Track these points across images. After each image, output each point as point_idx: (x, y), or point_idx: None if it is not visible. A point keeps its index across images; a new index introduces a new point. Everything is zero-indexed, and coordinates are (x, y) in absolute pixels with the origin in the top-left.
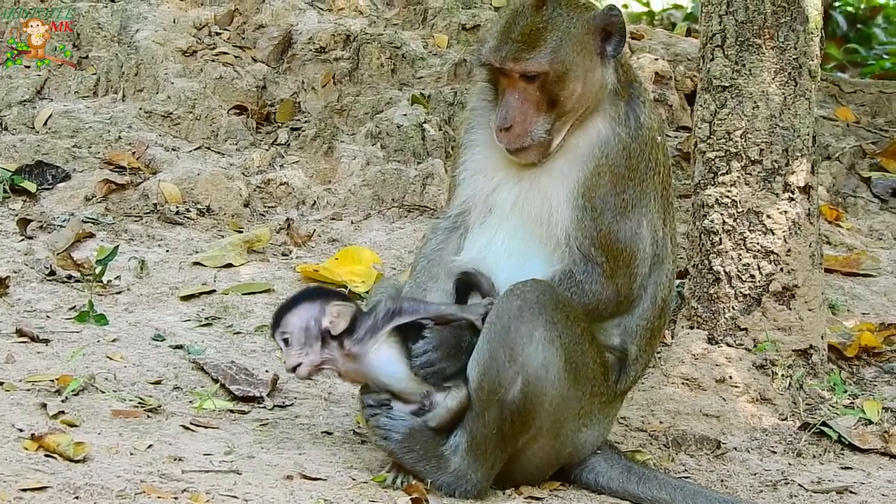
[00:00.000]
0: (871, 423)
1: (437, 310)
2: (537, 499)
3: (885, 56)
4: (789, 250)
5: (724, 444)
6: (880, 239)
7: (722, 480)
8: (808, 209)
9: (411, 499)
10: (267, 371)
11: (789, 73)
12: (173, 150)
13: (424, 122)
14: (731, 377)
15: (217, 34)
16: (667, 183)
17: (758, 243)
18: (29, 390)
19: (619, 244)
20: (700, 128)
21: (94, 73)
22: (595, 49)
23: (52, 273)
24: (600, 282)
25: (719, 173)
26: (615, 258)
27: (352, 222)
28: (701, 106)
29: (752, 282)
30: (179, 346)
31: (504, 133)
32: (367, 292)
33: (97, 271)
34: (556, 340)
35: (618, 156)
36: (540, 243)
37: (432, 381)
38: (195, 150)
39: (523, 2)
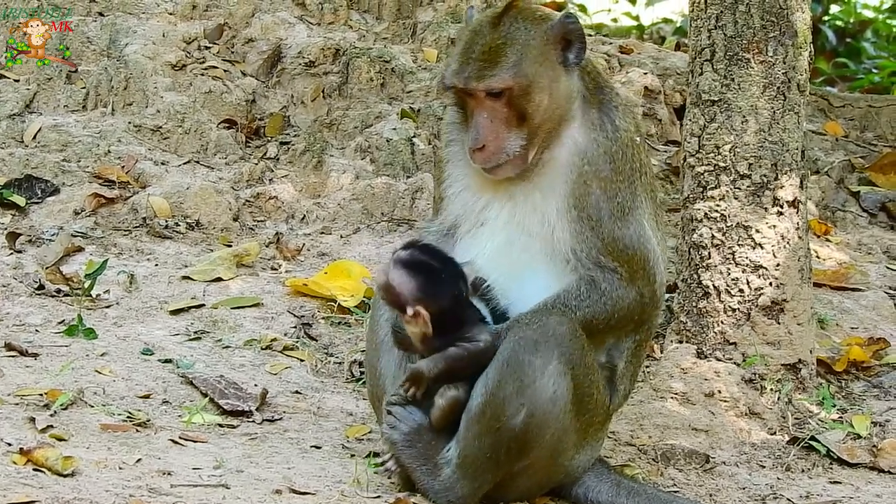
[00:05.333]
0: (859, 437)
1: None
2: None
3: (874, 70)
4: (778, 265)
5: (712, 458)
6: (869, 253)
7: (711, 495)
8: (797, 223)
9: None
10: (256, 385)
11: (778, 88)
12: (162, 163)
13: (414, 137)
14: (719, 391)
15: (206, 48)
16: (653, 185)
17: (747, 258)
18: (18, 404)
19: (628, 249)
20: (689, 142)
21: (84, 87)
22: (557, 58)
23: (41, 287)
24: (622, 286)
25: (708, 187)
26: (628, 262)
27: (341, 236)
28: (690, 120)
29: (741, 296)
30: (168, 361)
31: (478, 153)
32: (356, 306)
33: (86, 285)
34: (568, 374)
35: (600, 160)
36: (543, 257)
37: None
38: (184, 163)
39: (480, 21)
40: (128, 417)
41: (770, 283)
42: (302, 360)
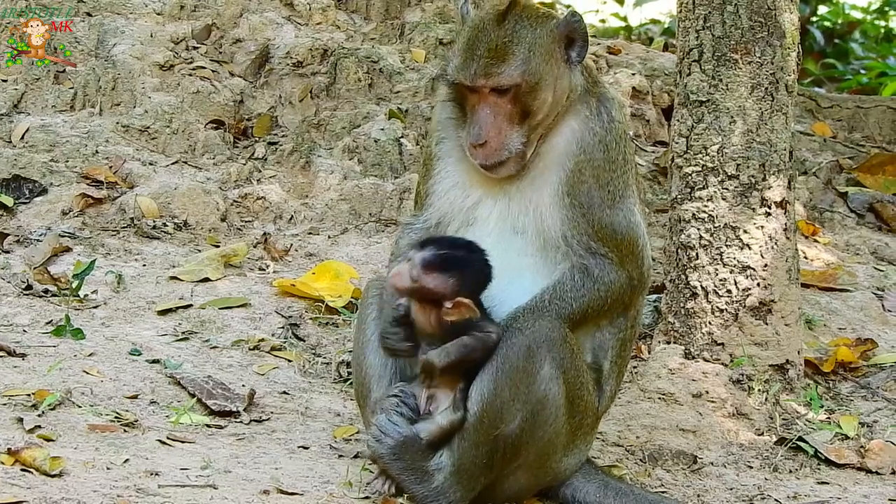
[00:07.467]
0: (847, 438)
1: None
2: None
3: (862, 71)
4: (766, 265)
5: (700, 458)
6: (857, 254)
7: (698, 495)
8: (785, 224)
9: None
10: (244, 385)
11: (766, 88)
12: (150, 164)
13: (401, 137)
14: (707, 392)
15: (194, 48)
16: (640, 182)
17: (734, 258)
18: (5, 405)
19: (617, 235)
20: (677, 143)
21: (72, 88)
22: (561, 56)
23: (29, 287)
24: (613, 270)
25: (696, 188)
26: (618, 247)
27: (329, 237)
28: (678, 121)
29: (728, 297)
30: (156, 361)
31: (479, 149)
32: (344, 307)
33: (74, 285)
34: (560, 377)
35: (595, 149)
36: (533, 257)
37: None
38: (172, 164)
39: (483, 18)
40: (115, 418)
41: (758, 284)
42: (289, 361)
